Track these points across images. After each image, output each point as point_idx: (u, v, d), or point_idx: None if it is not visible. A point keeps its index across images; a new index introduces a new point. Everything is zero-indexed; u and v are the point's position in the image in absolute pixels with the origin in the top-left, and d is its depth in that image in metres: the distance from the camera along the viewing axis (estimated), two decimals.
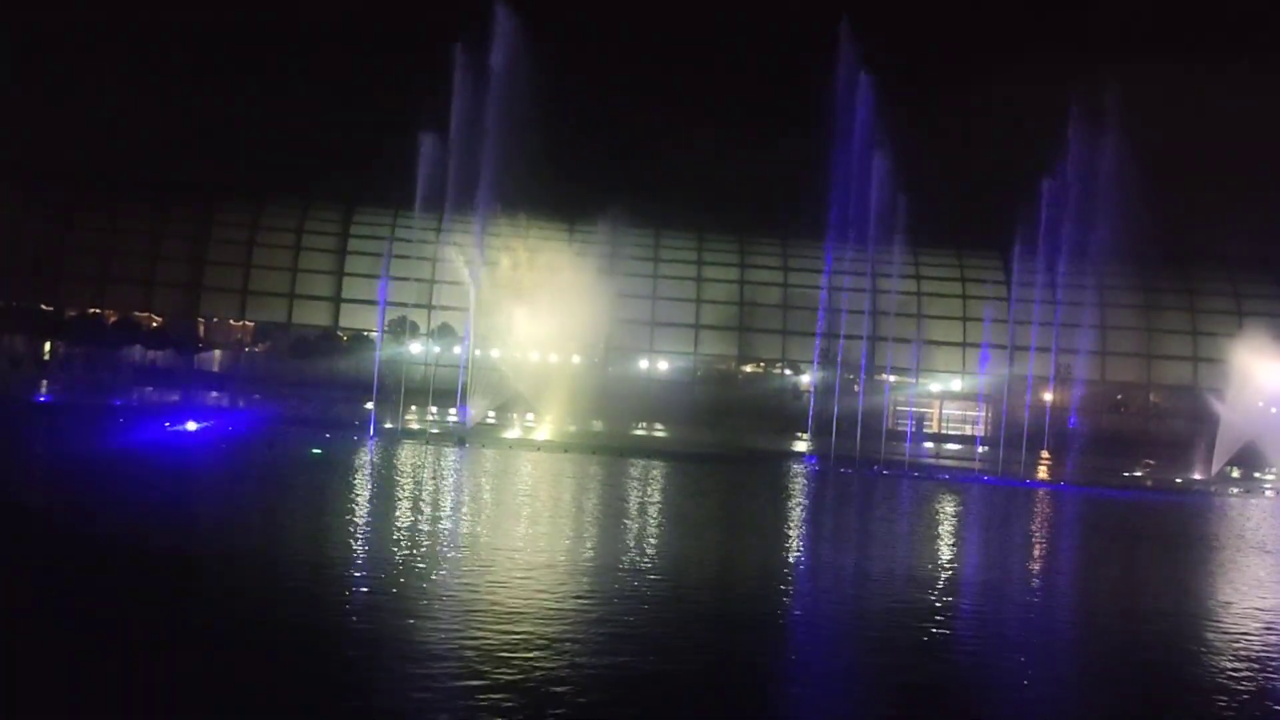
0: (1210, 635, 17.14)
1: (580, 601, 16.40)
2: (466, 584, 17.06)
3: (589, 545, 21.95)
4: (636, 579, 18.32)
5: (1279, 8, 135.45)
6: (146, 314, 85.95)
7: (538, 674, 12.41)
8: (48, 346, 79.80)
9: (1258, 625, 18.03)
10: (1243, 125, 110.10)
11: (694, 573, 19.66)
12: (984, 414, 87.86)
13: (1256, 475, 56.94)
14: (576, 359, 77.81)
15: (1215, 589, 22.43)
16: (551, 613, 15.46)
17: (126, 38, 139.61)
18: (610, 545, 21.69)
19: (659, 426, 62.49)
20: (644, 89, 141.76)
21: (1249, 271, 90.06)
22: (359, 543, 20.18)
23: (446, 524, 23.44)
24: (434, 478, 31.76)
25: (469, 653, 13.10)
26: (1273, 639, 17.24)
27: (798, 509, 31.46)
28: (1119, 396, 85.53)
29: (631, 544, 22.21)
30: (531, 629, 14.29)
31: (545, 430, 51.62)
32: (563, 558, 20.18)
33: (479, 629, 14.11)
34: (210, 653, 12.68)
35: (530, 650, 13.28)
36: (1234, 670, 14.89)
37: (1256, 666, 15.23)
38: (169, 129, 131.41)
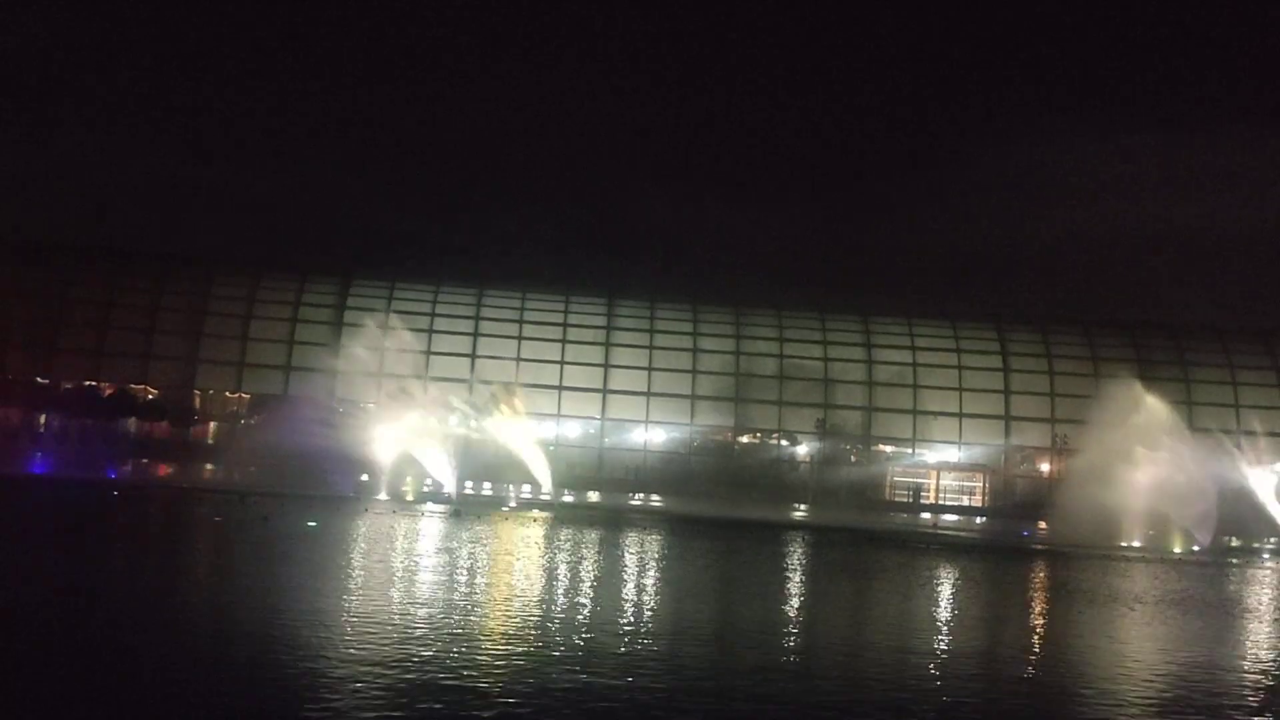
0: None
1: None
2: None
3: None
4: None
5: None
6: (142, 386, 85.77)
7: None
8: (43, 419, 79.49)
9: None
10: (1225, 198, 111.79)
11: None
12: (983, 484, 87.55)
13: (1256, 545, 56.76)
14: (574, 431, 77.56)
15: None
16: None
17: (124, 112, 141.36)
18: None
19: (655, 498, 62.28)
20: (636, 161, 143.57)
21: (1241, 342, 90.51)
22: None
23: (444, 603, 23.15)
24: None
25: None
26: None
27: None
28: None
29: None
30: None
31: (540, 501, 51.39)
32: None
33: None
34: None
35: None
36: None
37: None
38: (166, 202, 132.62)
